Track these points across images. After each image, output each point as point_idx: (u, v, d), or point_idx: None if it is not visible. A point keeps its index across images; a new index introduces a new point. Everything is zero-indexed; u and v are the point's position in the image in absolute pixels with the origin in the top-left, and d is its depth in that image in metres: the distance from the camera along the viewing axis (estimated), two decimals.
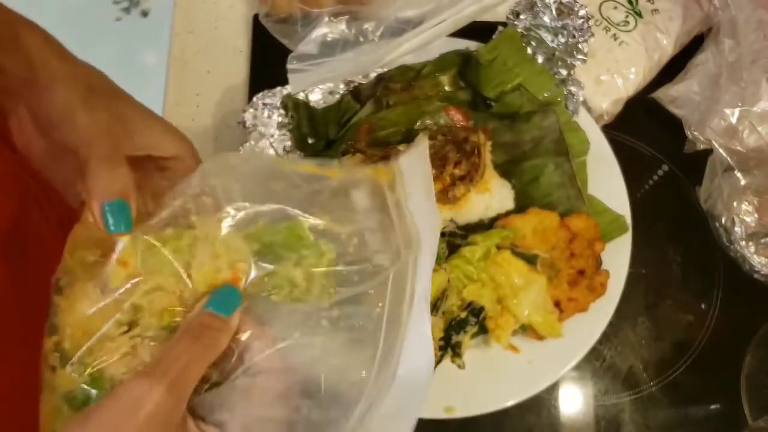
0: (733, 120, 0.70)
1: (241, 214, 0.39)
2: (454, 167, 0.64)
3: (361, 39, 0.73)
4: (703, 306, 0.72)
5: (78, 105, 0.41)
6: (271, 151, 0.69)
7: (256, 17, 0.80)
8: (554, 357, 0.63)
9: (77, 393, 0.37)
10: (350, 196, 0.41)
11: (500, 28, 0.73)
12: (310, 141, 0.70)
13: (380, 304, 0.39)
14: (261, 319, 0.38)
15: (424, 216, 0.41)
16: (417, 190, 0.42)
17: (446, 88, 0.73)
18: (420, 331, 0.39)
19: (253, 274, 0.38)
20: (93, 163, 0.39)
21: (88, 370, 0.37)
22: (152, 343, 0.38)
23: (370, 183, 0.42)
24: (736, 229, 0.69)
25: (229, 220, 0.39)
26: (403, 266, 0.40)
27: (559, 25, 0.71)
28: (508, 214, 0.65)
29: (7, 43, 0.45)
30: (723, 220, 0.70)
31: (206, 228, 0.39)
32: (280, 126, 0.70)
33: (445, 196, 0.64)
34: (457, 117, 0.71)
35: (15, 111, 0.46)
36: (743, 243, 0.69)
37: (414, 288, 0.40)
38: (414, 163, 0.43)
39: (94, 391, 0.37)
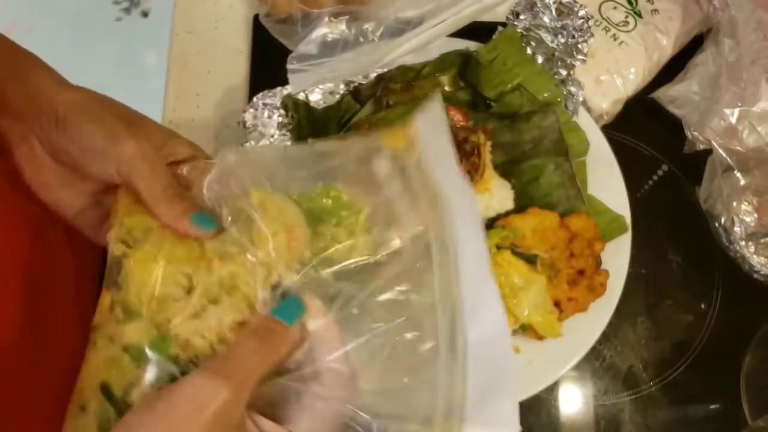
0: (733, 120, 0.70)
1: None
2: None
3: (361, 39, 0.73)
4: (702, 306, 0.72)
5: (116, 133, 0.42)
6: None
7: (256, 17, 0.80)
8: (554, 357, 0.63)
9: (141, 348, 0.37)
10: (370, 165, 0.41)
11: (500, 28, 0.73)
12: (310, 141, 0.70)
13: (428, 275, 0.37)
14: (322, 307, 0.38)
15: (453, 181, 0.40)
16: (439, 155, 0.41)
17: (446, 88, 0.73)
18: (485, 294, 0.37)
19: (305, 235, 0.39)
20: (159, 193, 0.41)
21: (156, 329, 0.38)
22: (216, 307, 0.38)
23: (388, 149, 0.41)
24: (736, 229, 0.69)
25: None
26: (439, 229, 0.38)
27: (558, 26, 0.71)
28: (507, 214, 0.65)
29: (13, 74, 0.45)
30: (723, 220, 0.70)
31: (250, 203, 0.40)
32: (281, 126, 0.70)
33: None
34: (457, 117, 0.71)
35: (25, 142, 0.46)
36: (743, 243, 0.69)
37: (457, 252, 0.37)
38: (430, 126, 0.42)
39: (154, 353, 0.37)
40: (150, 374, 0.37)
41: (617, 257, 0.66)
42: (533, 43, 0.72)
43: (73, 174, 0.46)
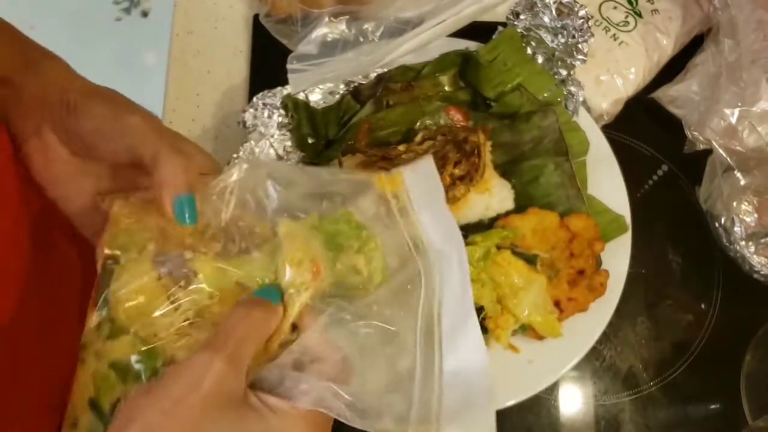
0: (733, 120, 0.70)
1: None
2: (453, 167, 0.64)
3: (361, 39, 0.73)
4: (702, 306, 0.72)
5: (124, 111, 0.43)
6: (272, 152, 0.69)
7: (256, 17, 0.80)
8: (554, 357, 0.63)
9: (128, 363, 0.38)
10: (356, 204, 0.42)
11: (500, 28, 0.73)
12: (310, 141, 0.70)
13: (414, 301, 0.40)
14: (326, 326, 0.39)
15: (442, 227, 0.42)
16: (428, 204, 0.43)
17: (446, 88, 0.73)
18: (466, 326, 0.40)
19: (327, 268, 0.40)
20: (163, 156, 0.40)
21: (143, 344, 0.38)
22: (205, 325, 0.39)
23: (377, 189, 0.43)
24: (736, 229, 0.69)
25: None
26: (427, 267, 0.41)
27: (558, 26, 0.71)
28: (507, 214, 0.65)
29: (26, 64, 0.46)
30: (723, 220, 0.70)
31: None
32: (281, 126, 0.70)
33: (444, 196, 0.64)
34: (457, 117, 0.71)
35: (36, 134, 0.46)
36: (743, 243, 0.69)
37: (442, 289, 0.41)
38: (421, 179, 0.44)
39: (141, 366, 0.38)
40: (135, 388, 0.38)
41: (617, 257, 0.66)
42: (533, 43, 0.72)
43: (83, 167, 0.46)
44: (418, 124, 0.71)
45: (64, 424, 0.40)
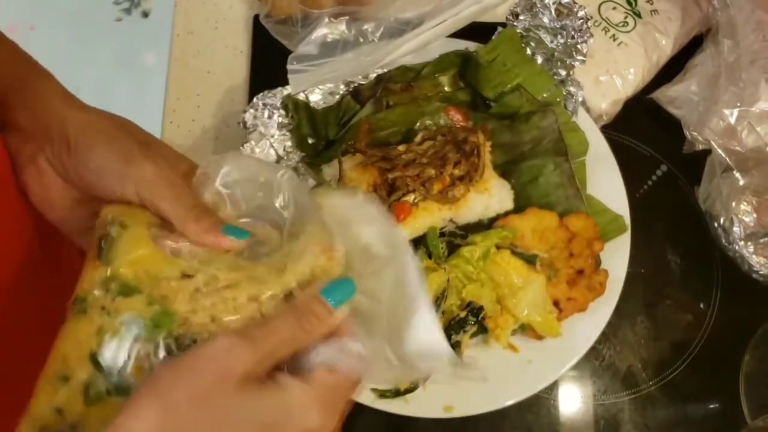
0: (732, 120, 0.70)
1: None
2: (453, 167, 0.65)
3: (361, 40, 0.73)
4: (701, 306, 0.72)
5: (132, 156, 0.42)
6: (272, 152, 0.70)
7: (256, 18, 0.80)
8: (553, 356, 0.64)
9: (143, 319, 0.38)
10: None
11: (500, 28, 0.73)
12: (310, 141, 0.70)
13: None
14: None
15: (384, 239, 0.42)
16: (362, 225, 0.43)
17: (446, 88, 0.73)
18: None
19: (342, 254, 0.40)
20: (190, 217, 0.41)
21: (157, 304, 0.38)
22: (216, 291, 0.39)
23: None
24: (735, 229, 0.69)
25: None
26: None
27: (558, 26, 0.71)
28: (507, 214, 0.66)
29: (23, 90, 0.45)
30: (722, 220, 0.70)
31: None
32: (281, 126, 0.70)
33: (444, 196, 0.64)
34: (456, 117, 0.71)
35: (32, 162, 0.46)
36: (742, 243, 0.69)
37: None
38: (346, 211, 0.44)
39: (156, 328, 0.38)
40: (148, 349, 0.37)
41: (616, 257, 0.66)
42: (533, 44, 0.72)
43: (80, 196, 0.46)
44: (417, 124, 0.71)
45: (44, 379, 0.38)
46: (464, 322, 0.61)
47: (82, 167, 0.43)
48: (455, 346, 0.62)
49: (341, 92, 0.72)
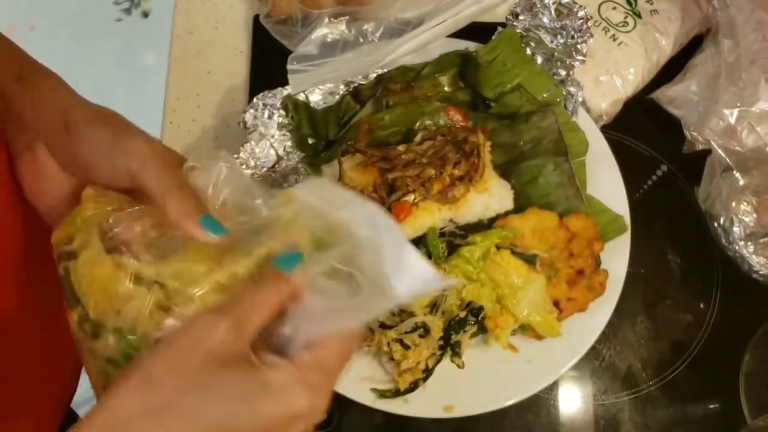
0: (732, 120, 0.70)
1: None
2: (453, 167, 0.65)
3: (361, 40, 0.73)
4: (701, 306, 0.72)
5: (125, 133, 0.43)
6: (272, 152, 0.70)
7: (256, 18, 0.80)
8: (553, 356, 0.64)
9: (119, 358, 0.39)
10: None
11: (499, 28, 0.73)
12: (310, 141, 0.70)
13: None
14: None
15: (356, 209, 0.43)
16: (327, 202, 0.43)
17: (446, 88, 0.73)
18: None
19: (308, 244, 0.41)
20: (174, 191, 0.41)
21: (124, 339, 0.39)
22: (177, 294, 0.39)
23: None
24: (735, 229, 0.69)
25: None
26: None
27: (558, 26, 0.71)
28: (507, 214, 0.66)
29: (20, 79, 0.46)
30: (722, 220, 0.70)
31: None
32: (281, 126, 0.70)
33: (444, 196, 0.64)
34: (456, 117, 0.71)
35: (29, 149, 0.46)
36: (742, 243, 0.69)
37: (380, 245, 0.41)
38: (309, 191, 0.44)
39: (134, 353, 0.39)
40: None
41: (616, 257, 0.66)
42: (533, 44, 0.72)
43: (72, 189, 0.46)
44: (417, 124, 0.71)
45: None
46: (464, 322, 0.61)
47: (79, 148, 0.43)
48: (455, 346, 0.62)
49: (341, 92, 0.72)
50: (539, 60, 0.72)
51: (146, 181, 0.41)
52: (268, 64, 0.77)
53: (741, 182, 0.70)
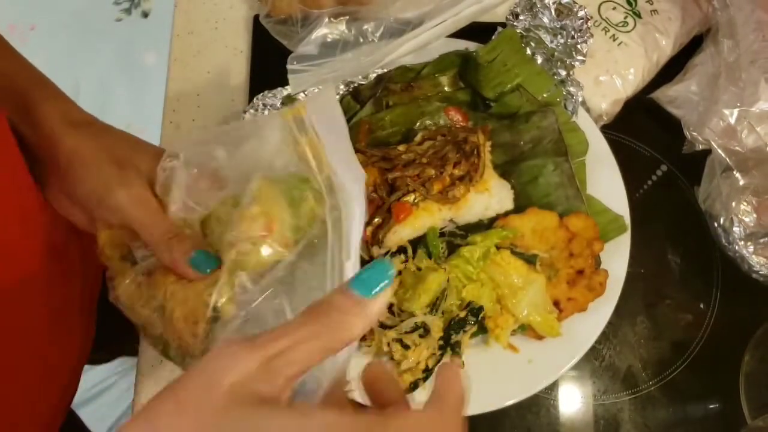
0: (732, 120, 0.70)
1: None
2: (453, 167, 0.64)
3: (361, 40, 0.73)
4: (701, 306, 0.72)
5: (113, 185, 0.46)
6: None
7: (256, 18, 0.80)
8: (553, 356, 0.64)
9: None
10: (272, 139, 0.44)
11: (499, 28, 0.73)
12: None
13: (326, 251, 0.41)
14: None
15: (345, 167, 0.42)
16: (333, 140, 0.43)
17: (446, 88, 0.73)
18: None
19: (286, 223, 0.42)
20: (161, 243, 0.45)
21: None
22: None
23: (283, 121, 0.44)
24: (735, 229, 0.69)
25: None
26: (337, 211, 0.42)
27: (558, 26, 0.71)
28: (507, 214, 0.66)
29: (20, 110, 0.48)
30: (722, 220, 0.70)
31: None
32: None
33: (444, 196, 0.64)
34: (456, 117, 0.71)
35: (47, 182, 0.50)
36: (742, 243, 0.69)
37: (349, 239, 0.40)
38: (324, 113, 0.44)
39: None
40: None
41: (616, 257, 0.66)
42: (533, 44, 0.72)
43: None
44: (417, 124, 0.71)
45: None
46: (464, 322, 0.61)
47: (72, 193, 0.48)
48: (455, 346, 0.62)
49: (341, 92, 0.72)
50: (539, 60, 0.72)
51: (137, 232, 0.46)
52: (268, 64, 0.77)
53: (741, 182, 0.70)
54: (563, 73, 0.71)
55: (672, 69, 0.78)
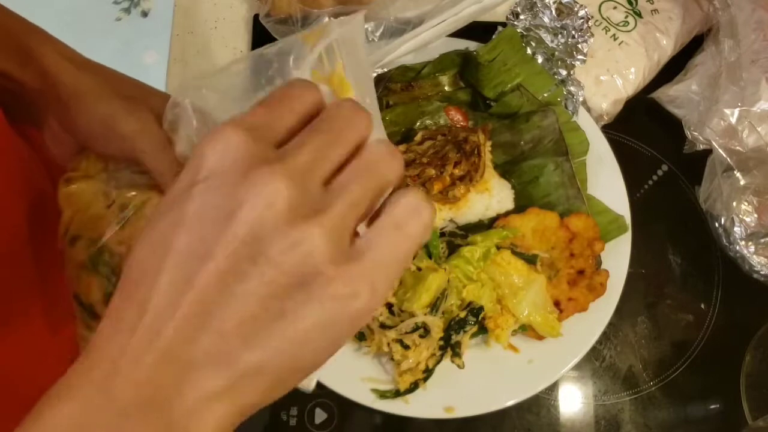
0: (733, 120, 0.70)
1: None
2: (453, 167, 0.64)
3: None
4: (702, 306, 0.72)
5: (120, 114, 0.44)
6: None
7: (256, 18, 0.80)
8: (554, 357, 0.63)
9: (85, 261, 0.45)
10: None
11: (500, 28, 0.73)
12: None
13: None
14: None
15: (364, 86, 0.42)
16: (355, 63, 0.42)
17: (446, 88, 0.73)
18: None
19: None
20: (164, 176, 0.43)
21: (93, 246, 0.44)
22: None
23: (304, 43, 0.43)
24: (736, 229, 0.69)
25: None
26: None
27: (558, 26, 0.71)
28: (507, 214, 0.65)
29: (19, 55, 0.47)
30: (722, 220, 0.70)
31: None
32: None
33: (444, 196, 0.64)
34: (456, 117, 0.71)
35: (46, 123, 0.48)
36: (743, 243, 0.69)
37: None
38: (349, 38, 0.43)
39: (96, 262, 0.44)
40: (99, 282, 0.44)
41: (617, 257, 0.66)
42: (533, 43, 0.72)
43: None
44: (417, 124, 0.71)
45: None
46: (464, 322, 0.61)
47: (75, 127, 0.45)
48: (455, 346, 0.62)
49: None
50: (540, 59, 0.72)
51: (142, 161, 0.43)
52: None
53: (742, 182, 0.70)
54: (564, 72, 0.71)
55: (673, 69, 0.78)
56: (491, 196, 0.65)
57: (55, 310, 0.56)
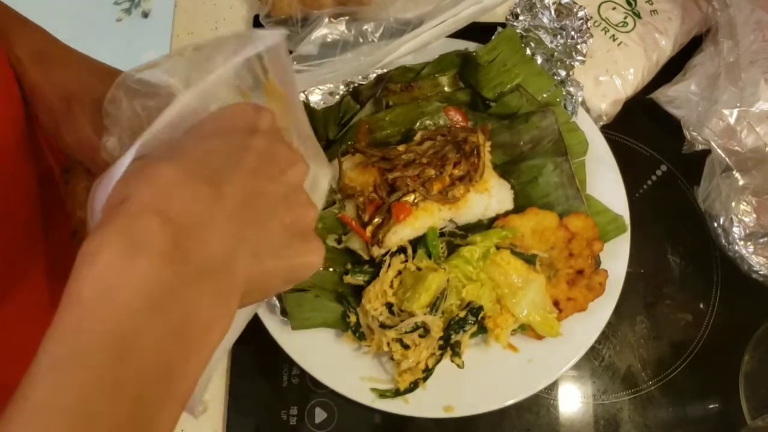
0: (732, 120, 0.70)
1: None
2: (453, 167, 0.65)
3: (361, 40, 0.73)
4: (701, 305, 0.72)
5: (61, 126, 0.47)
6: None
7: (256, 18, 0.80)
8: (553, 356, 0.64)
9: None
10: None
11: (499, 29, 0.73)
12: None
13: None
14: None
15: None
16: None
17: (445, 88, 0.73)
18: None
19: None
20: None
21: None
22: None
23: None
24: (735, 229, 0.69)
25: None
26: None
27: (558, 26, 0.71)
28: (507, 214, 0.66)
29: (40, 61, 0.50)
30: (721, 221, 0.70)
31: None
32: None
33: (444, 196, 0.64)
34: (456, 117, 0.71)
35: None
36: (741, 243, 0.69)
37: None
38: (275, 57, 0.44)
39: None
40: None
41: (616, 257, 0.66)
42: (532, 44, 0.72)
43: None
44: (417, 124, 0.71)
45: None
46: (464, 322, 0.61)
47: (72, 131, 0.48)
48: (455, 346, 0.62)
49: (341, 92, 0.72)
50: (539, 60, 0.72)
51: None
52: None
53: (740, 182, 0.70)
54: (563, 73, 0.71)
55: (672, 69, 0.78)
56: (491, 196, 0.66)
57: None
